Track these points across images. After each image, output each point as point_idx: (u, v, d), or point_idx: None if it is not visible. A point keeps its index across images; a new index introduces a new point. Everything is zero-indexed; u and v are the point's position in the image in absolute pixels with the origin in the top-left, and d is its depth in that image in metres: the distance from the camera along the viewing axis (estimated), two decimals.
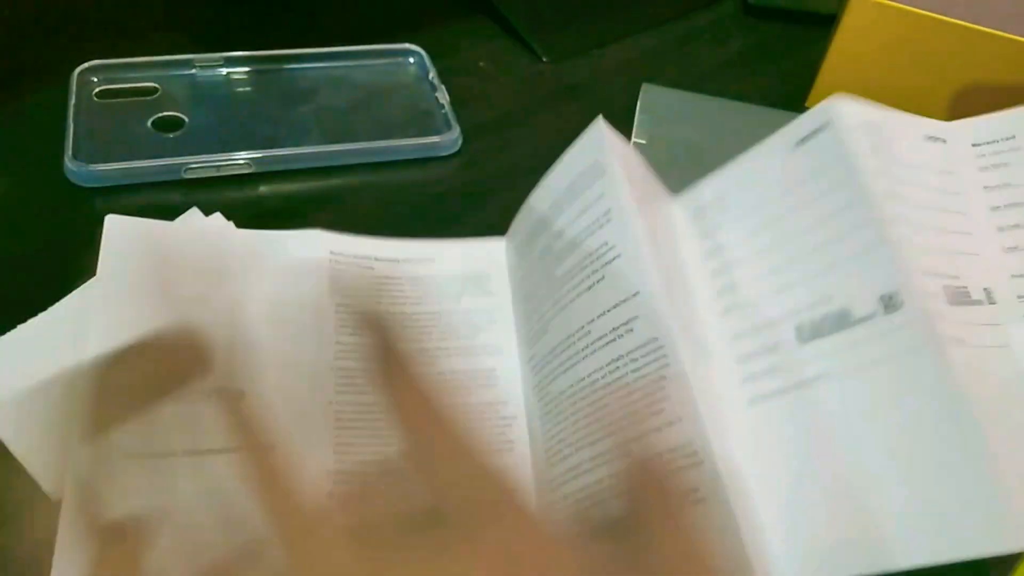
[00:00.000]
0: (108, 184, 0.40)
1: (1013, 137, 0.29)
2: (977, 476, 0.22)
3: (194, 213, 0.37)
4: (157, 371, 0.24)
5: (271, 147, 0.42)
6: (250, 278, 0.26)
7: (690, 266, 0.31)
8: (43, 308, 0.32)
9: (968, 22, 0.45)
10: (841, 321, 0.26)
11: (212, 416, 0.24)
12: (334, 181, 0.43)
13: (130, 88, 0.45)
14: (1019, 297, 0.27)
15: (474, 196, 0.43)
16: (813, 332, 0.26)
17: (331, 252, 0.36)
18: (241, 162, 0.42)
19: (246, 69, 0.48)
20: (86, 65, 0.45)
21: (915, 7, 0.46)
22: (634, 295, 0.28)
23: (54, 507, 0.29)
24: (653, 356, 0.27)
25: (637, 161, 0.34)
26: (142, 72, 0.45)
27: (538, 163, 0.45)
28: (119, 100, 0.44)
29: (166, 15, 0.52)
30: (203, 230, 0.22)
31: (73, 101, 0.43)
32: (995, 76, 0.46)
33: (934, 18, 0.46)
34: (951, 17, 0.45)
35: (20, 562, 0.23)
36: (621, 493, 0.24)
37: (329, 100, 0.47)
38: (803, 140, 0.29)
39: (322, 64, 0.49)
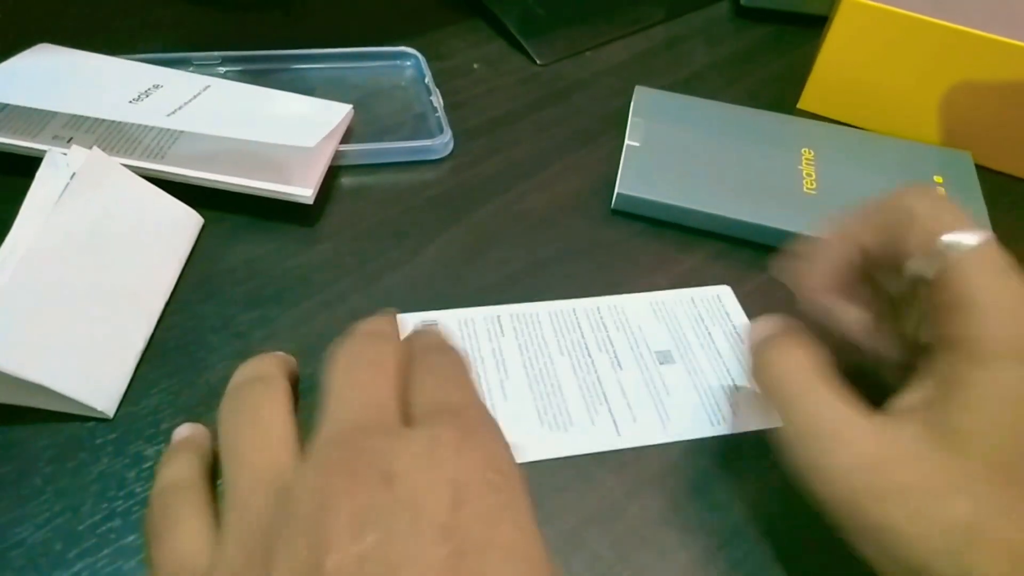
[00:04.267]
0: None
1: None
2: None
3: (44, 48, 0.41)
4: None
5: None
6: None
7: None
8: None
9: (957, 24, 0.45)
10: None
11: None
12: (327, 183, 0.43)
13: None
14: None
15: (466, 199, 0.43)
16: None
17: None
18: None
19: (241, 69, 0.48)
20: None
21: (905, 9, 0.46)
22: None
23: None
24: None
25: None
26: None
27: (531, 166, 0.46)
28: None
29: (162, 15, 0.53)
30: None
31: None
32: (983, 77, 0.46)
33: (924, 20, 0.46)
34: (940, 19, 0.46)
35: None
36: None
37: None
38: None
39: (318, 66, 0.50)
